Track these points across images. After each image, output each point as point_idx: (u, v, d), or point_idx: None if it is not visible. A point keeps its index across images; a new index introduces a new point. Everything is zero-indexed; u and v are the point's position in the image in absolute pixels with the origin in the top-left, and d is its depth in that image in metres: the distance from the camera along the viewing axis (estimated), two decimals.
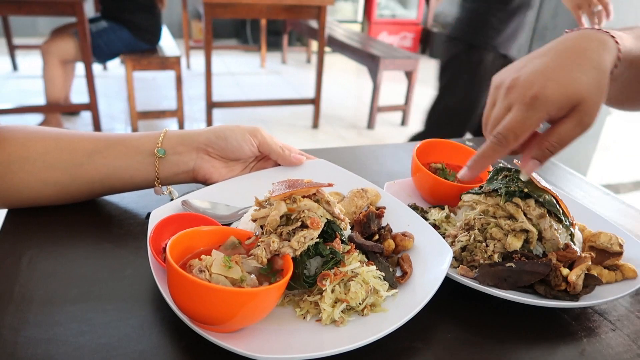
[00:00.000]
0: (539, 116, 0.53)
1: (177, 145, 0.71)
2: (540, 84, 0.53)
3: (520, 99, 0.54)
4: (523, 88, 0.54)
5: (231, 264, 0.50)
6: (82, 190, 0.71)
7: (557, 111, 0.53)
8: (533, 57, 0.57)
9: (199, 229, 0.55)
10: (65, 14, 2.81)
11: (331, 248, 0.55)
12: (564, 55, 0.55)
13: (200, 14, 5.59)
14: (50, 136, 0.69)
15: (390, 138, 3.83)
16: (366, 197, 0.68)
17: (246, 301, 0.46)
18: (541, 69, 0.54)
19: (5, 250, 0.63)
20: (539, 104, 0.53)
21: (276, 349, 0.48)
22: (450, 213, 0.71)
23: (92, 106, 3.14)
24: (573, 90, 0.52)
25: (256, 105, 3.77)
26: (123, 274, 0.60)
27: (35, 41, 4.32)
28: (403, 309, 0.52)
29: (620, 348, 0.55)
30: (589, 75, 0.53)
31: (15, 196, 0.69)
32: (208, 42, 3.13)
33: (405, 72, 3.87)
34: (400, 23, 6.67)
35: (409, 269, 0.59)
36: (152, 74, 4.60)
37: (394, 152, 1.04)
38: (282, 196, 0.55)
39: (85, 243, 0.66)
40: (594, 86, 0.53)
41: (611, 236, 0.64)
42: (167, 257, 0.46)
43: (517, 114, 0.54)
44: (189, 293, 0.45)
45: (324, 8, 3.31)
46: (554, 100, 0.52)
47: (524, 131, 0.54)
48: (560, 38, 0.58)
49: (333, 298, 0.53)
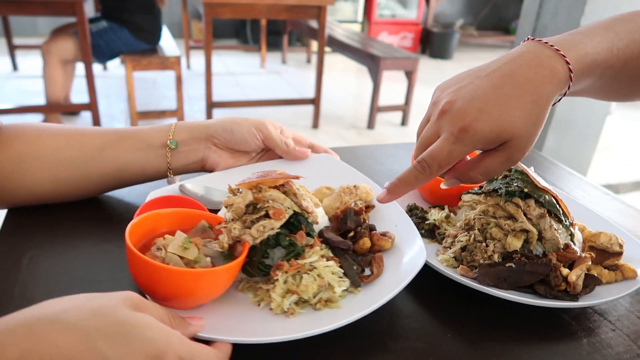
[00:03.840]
0: (465, 150, 0.52)
1: (187, 137, 0.73)
2: (472, 116, 0.51)
3: (450, 128, 0.52)
4: (455, 117, 0.52)
5: (189, 245, 0.52)
6: (93, 185, 0.72)
7: (485, 146, 0.52)
8: (475, 77, 0.54)
9: (171, 211, 0.57)
10: (65, 14, 2.81)
11: (291, 239, 0.56)
12: (505, 82, 0.52)
13: (200, 14, 5.59)
14: (60, 133, 0.70)
15: (390, 138, 3.83)
16: (355, 194, 0.68)
17: (189, 280, 0.48)
18: (478, 96, 0.52)
19: (5, 250, 0.63)
20: (467, 138, 0.51)
21: (218, 329, 0.49)
22: (450, 213, 0.71)
23: (92, 106, 3.14)
24: (505, 127, 0.50)
25: (256, 106, 3.77)
26: (123, 273, 0.60)
27: (35, 41, 4.32)
28: (357, 308, 0.52)
29: (620, 348, 0.55)
30: (525, 110, 0.50)
31: (27, 193, 0.69)
32: (208, 42, 3.13)
33: (405, 72, 3.87)
34: (400, 23, 6.68)
35: (376, 270, 0.58)
36: (152, 74, 4.60)
37: (394, 152, 1.04)
38: (249, 185, 0.56)
39: (85, 243, 0.66)
40: (529, 123, 0.51)
41: (611, 236, 0.64)
42: (125, 235, 0.49)
43: (444, 144, 0.52)
44: (138, 269, 0.49)
45: (324, 8, 3.31)
46: (482, 136, 0.51)
47: (449, 163, 0.53)
48: (509, 56, 0.54)
49: (284, 289, 0.53)
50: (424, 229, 0.70)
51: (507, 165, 0.53)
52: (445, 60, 6.55)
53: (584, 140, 2.36)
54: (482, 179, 0.55)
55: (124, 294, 0.43)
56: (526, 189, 0.62)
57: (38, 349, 0.36)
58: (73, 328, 0.38)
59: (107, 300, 0.41)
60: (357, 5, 6.51)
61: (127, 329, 0.39)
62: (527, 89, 0.51)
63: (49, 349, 0.36)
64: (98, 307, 0.40)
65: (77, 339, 0.37)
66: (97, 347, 0.38)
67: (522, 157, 0.53)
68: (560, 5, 2.13)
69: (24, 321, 0.38)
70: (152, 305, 0.45)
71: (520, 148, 0.52)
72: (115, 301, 0.42)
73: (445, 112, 0.53)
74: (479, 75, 0.54)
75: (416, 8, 6.65)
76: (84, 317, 0.39)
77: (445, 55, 6.56)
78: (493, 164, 0.53)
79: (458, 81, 0.55)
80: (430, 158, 0.53)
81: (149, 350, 0.39)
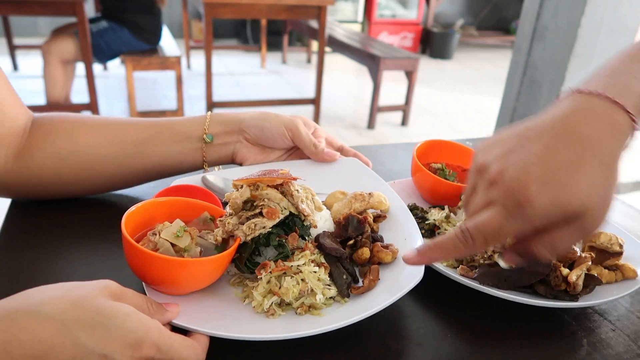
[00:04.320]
0: (520, 228, 0.43)
1: (221, 130, 0.74)
2: (529, 188, 0.42)
3: (503, 201, 0.43)
4: (508, 190, 0.43)
5: (183, 233, 0.53)
6: (135, 178, 0.74)
7: (546, 222, 0.43)
8: (524, 139, 0.46)
9: (173, 199, 0.59)
10: (66, 14, 2.81)
11: (280, 240, 0.56)
12: (561, 144, 0.43)
13: (200, 14, 5.59)
14: (97, 126, 0.71)
15: (390, 138, 3.83)
16: (367, 201, 0.66)
17: (172, 268, 0.50)
18: (532, 162, 0.43)
19: (6, 250, 0.63)
20: (523, 214, 0.42)
21: (196, 321, 0.49)
22: (450, 213, 0.71)
23: (92, 106, 3.14)
24: (570, 199, 0.42)
25: (256, 105, 3.77)
26: (123, 273, 0.60)
27: (36, 41, 4.32)
28: (338, 318, 0.50)
29: (620, 348, 0.55)
30: (594, 175, 0.42)
31: (74, 188, 0.72)
32: (208, 42, 3.13)
33: (406, 72, 3.87)
34: (400, 23, 6.68)
35: (368, 282, 0.56)
36: (153, 74, 4.60)
37: (394, 152, 1.04)
38: (248, 181, 0.57)
39: (85, 243, 0.66)
40: (600, 190, 0.42)
41: (611, 236, 0.64)
42: (122, 221, 0.51)
43: (495, 218, 0.44)
44: (128, 253, 0.51)
45: (324, 8, 3.30)
46: (542, 212, 0.42)
47: (497, 239, 0.44)
48: (558, 113, 0.46)
49: (267, 289, 0.53)
50: (424, 229, 0.70)
51: (578, 238, 0.45)
52: (446, 60, 6.55)
53: None
54: (549, 256, 0.45)
55: (102, 283, 0.44)
56: None
57: (19, 339, 0.37)
58: (53, 319, 0.39)
59: (86, 290, 0.42)
60: (357, 5, 6.51)
61: (106, 320, 0.40)
62: (589, 148, 0.43)
63: (29, 340, 0.38)
64: (78, 298, 0.41)
65: (57, 331, 0.39)
66: (78, 338, 0.39)
67: (597, 228, 0.44)
68: (561, 5, 2.13)
69: (4, 313, 0.39)
70: (130, 293, 0.47)
71: (594, 218, 0.43)
72: (94, 291, 0.43)
73: (496, 184, 0.45)
74: (527, 136, 0.46)
75: (416, 8, 6.65)
76: (64, 309, 0.40)
77: (446, 55, 6.56)
78: (562, 238, 0.44)
79: (502, 143, 0.47)
80: (475, 230, 0.44)
81: (128, 340, 0.41)
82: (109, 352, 0.40)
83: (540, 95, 2.29)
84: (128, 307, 0.43)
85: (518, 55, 2.39)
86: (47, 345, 0.38)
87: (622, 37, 2.12)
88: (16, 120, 0.67)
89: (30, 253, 0.62)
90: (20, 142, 0.67)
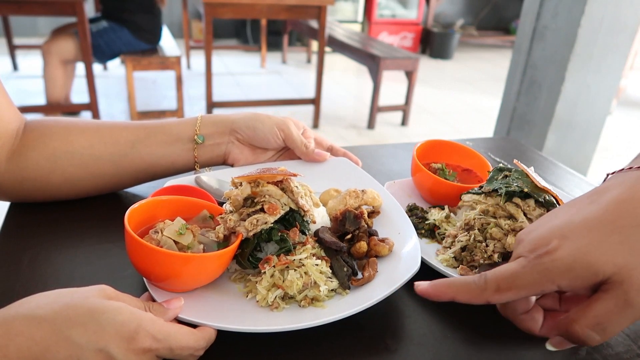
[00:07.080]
0: (538, 280, 0.40)
1: (212, 131, 0.75)
2: (551, 242, 0.41)
3: (523, 252, 0.43)
4: (531, 242, 0.43)
5: (185, 231, 0.54)
6: (126, 179, 0.74)
7: (572, 282, 0.40)
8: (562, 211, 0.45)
9: (174, 198, 0.60)
10: (66, 14, 2.81)
11: (282, 235, 0.56)
12: (607, 219, 0.41)
13: (200, 14, 5.59)
14: (90, 128, 0.72)
15: (390, 138, 3.83)
16: (361, 198, 0.68)
17: (176, 263, 0.50)
18: (559, 225, 0.42)
19: (6, 250, 0.63)
20: (541, 265, 0.40)
21: (201, 315, 0.50)
22: (450, 213, 0.71)
23: (92, 106, 3.14)
24: (598, 257, 0.38)
25: (256, 105, 3.77)
26: (123, 273, 0.60)
27: (36, 41, 4.33)
28: (341, 309, 0.52)
29: (620, 348, 0.55)
30: (628, 235, 0.39)
31: (68, 189, 0.72)
32: (208, 42, 3.13)
33: (406, 72, 3.87)
34: (400, 23, 6.67)
35: (368, 274, 0.57)
36: (152, 74, 4.60)
37: (394, 152, 1.04)
38: (248, 179, 0.57)
39: (86, 242, 0.66)
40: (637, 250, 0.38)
41: None
42: (125, 217, 0.51)
43: (512, 266, 0.42)
44: (131, 249, 0.51)
45: (324, 8, 3.31)
46: (565, 267, 0.39)
47: (510, 288, 0.42)
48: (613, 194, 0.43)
49: (271, 282, 0.54)
50: (424, 229, 0.70)
51: (625, 312, 0.38)
52: (446, 60, 6.55)
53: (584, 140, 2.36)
54: (596, 336, 0.39)
55: (97, 287, 0.45)
56: (526, 189, 0.62)
57: (15, 343, 0.39)
58: (45, 321, 0.40)
59: (79, 293, 0.44)
60: (357, 5, 6.51)
61: (98, 315, 0.41)
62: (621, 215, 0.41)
63: (25, 342, 0.39)
64: (71, 299, 0.42)
65: (50, 331, 0.40)
66: (70, 336, 0.40)
67: None
68: (561, 5, 2.13)
69: (1, 319, 0.40)
70: (127, 296, 0.47)
71: (638, 285, 0.38)
72: (87, 293, 0.44)
73: (521, 241, 0.45)
74: (560, 209, 0.47)
75: (416, 8, 6.65)
76: (57, 310, 0.41)
77: (446, 55, 6.56)
78: (605, 311, 0.39)
79: (544, 219, 0.47)
80: (492, 275, 0.43)
81: (121, 333, 0.41)
82: (104, 346, 0.40)
83: (540, 95, 2.29)
84: (119, 303, 0.43)
85: (518, 55, 2.39)
86: (42, 346, 0.39)
87: (622, 36, 2.12)
88: (10, 123, 0.68)
89: (30, 253, 0.62)
90: (13, 144, 0.68)
